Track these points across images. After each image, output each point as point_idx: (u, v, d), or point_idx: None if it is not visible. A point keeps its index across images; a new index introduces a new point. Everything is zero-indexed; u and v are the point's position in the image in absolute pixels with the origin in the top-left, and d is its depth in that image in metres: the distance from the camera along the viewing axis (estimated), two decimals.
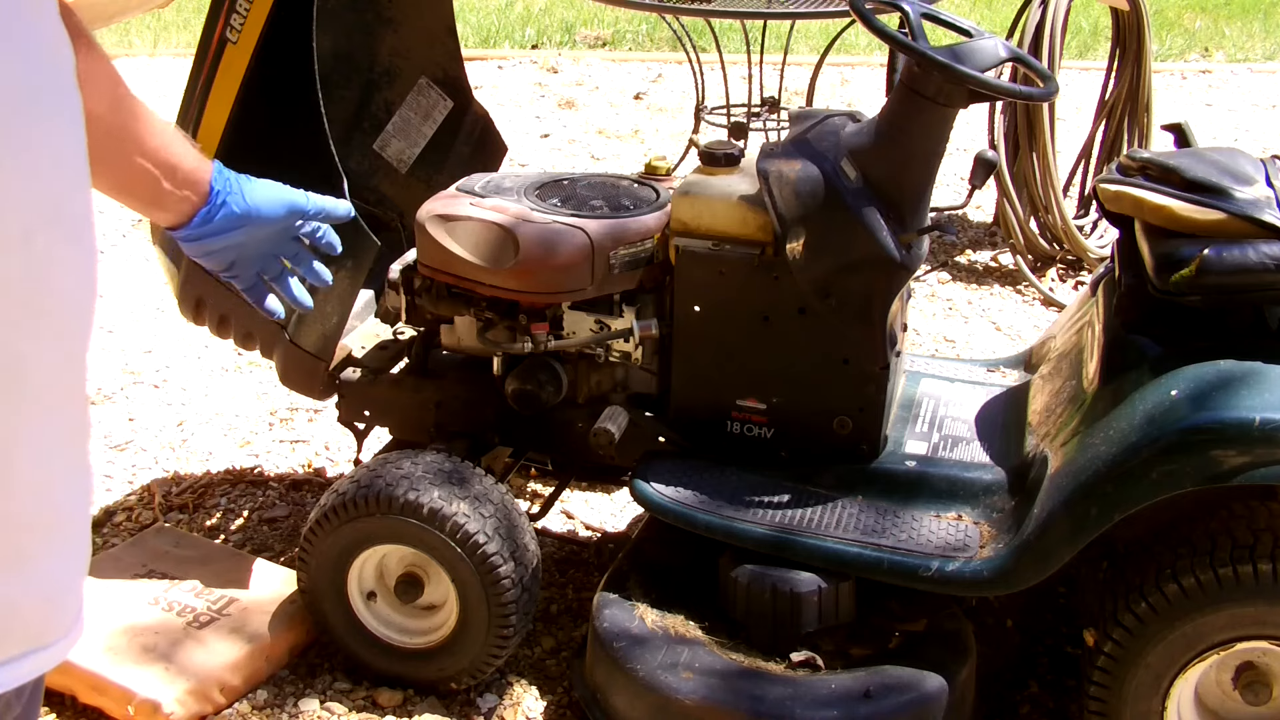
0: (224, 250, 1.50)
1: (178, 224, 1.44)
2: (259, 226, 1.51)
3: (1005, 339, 3.70)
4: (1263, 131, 5.69)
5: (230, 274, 1.56)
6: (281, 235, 1.57)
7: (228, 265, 1.54)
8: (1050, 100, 3.10)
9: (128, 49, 7.06)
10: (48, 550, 0.88)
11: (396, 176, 2.70)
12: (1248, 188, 1.93)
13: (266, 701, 2.23)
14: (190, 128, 2.31)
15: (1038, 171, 3.91)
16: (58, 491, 0.89)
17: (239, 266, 1.55)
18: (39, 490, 0.87)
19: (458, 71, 2.72)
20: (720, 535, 2.08)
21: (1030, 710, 2.22)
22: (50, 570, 0.89)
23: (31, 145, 0.81)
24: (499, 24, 7.59)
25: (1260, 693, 1.88)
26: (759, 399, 2.18)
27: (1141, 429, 1.83)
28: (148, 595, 2.36)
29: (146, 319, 3.79)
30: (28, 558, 0.86)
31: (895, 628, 2.08)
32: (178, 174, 1.38)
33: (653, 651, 2.00)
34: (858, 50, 6.80)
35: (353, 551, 2.18)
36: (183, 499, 2.87)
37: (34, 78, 0.81)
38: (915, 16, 2.01)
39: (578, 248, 2.15)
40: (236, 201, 1.46)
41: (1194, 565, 1.83)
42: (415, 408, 2.41)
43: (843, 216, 2.02)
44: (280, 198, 1.54)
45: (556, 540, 2.71)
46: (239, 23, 2.19)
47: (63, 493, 0.90)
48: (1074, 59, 6.63)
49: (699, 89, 4.63)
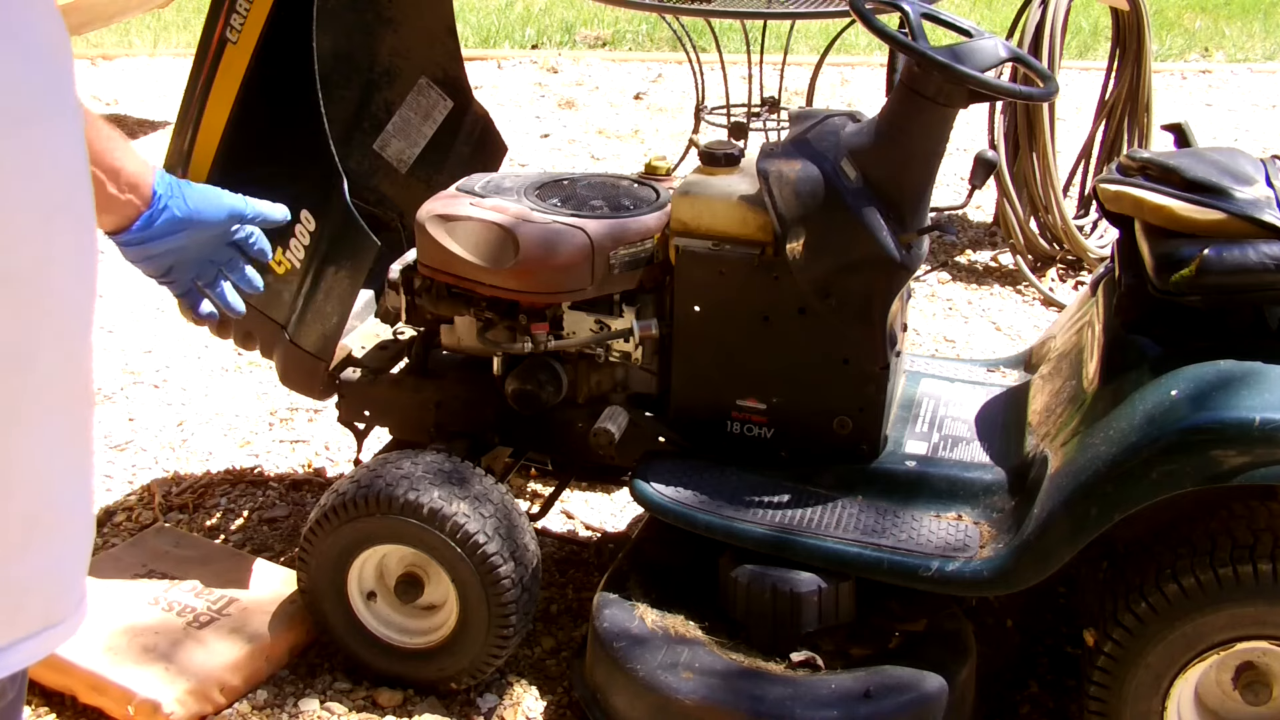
0: (163, 255, 1.52)
1: (120, 228, 1.46)
2: (199, 230, 1.53)
3: (1005, 339, 3.70)
4: (1263, 131, 5.69)
5: (167, 279, 1.58)
6: (219, 240, 1.60)
7: (165, 270, 1.56)
8: (1050, 100, 3.10)
9: (128, 49, 7.06)
10: (57, 533, 0.90)
11: (396, 176, 2.70)
12: (1248, 188, 1.93)
13: (266, 701, 2.23)
14: (190, 128, 2.31)
15: (1038, 171, 3.91)
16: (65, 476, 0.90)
17: (176, 271, 1.57)
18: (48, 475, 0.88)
19: (458, 71, 2.72)
20: (720, 535, 2.08)
21: (1030, 710, 2.22)
22: (59, 553, 0.90)
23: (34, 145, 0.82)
24: (499, 24, 7.59)
25: (1260, 693, 1.88)
26: (759, 399, 2.18)
27: (1141, 429, 1.83)
28: (148, 595, 2.36)
29: (146, 319, 3.79)
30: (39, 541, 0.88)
31: (895, 628, 2.08)
32: (121, 178, 1.41)
33: (653, 651, 2.00)
34: (858, 50, 6.80)
35: (353, 551, 2.18)
36: (183, 499, 2.87)
37: (35, 77, 0.82)
38: (915, 16, 2.01)
39: (578, 248, 2.15)
40: (179, 205, 1.49)
41: (1194, 565, 1.83)
42: (415, 408, 2.41)
43: (843, 216, 2.02)
44: (221, 202, 1.56)
45: (556, 540, 2.71)
46: (239, 23, 2.19)
47: (69, 477, 0.91)
48: (1074, 59, 6.63)
49: (699, 89, 4.63)
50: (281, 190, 2.25)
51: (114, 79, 6.56)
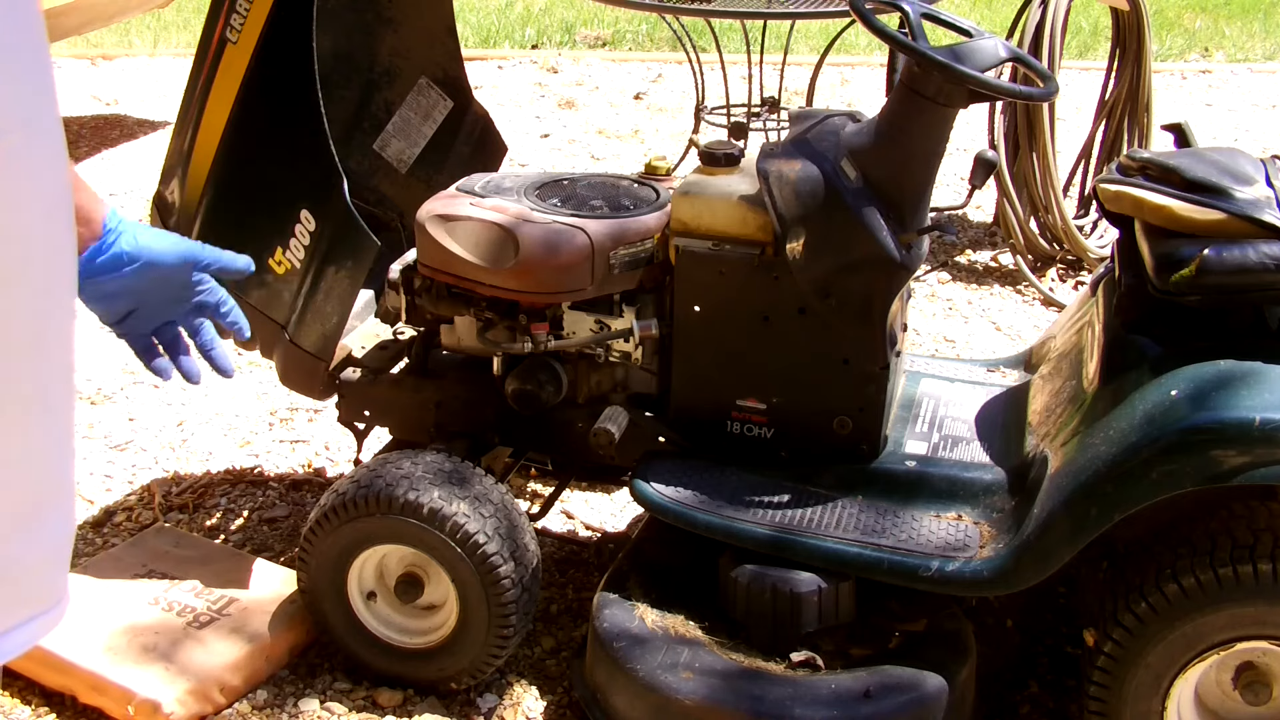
0: (116, 296, 1.49)
1: None
2: (153, 272, 1.48)
3: (1005, 339, 3.70)
4: (1263, 131, 5.69)
5: (124, 328, 1.54)
6: (180, 293, 1.55)
7: (122, 316, 1.52)
8: (1050, 100, 3.10)
9: (128, 49, 7.06)
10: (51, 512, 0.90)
11: (396, 176, 2.71)
12: (1248, 188, 1.93)
13: (266, 701, 2.23)
14: (190, 128, 2.31)
15: (1038, 171, 3.91)
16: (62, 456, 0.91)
17: (132, 321, 1.53)
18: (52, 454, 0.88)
19: (458, 71, 2.72)
20: (720, 535, 2.08)
21: (1030, 710, 2.22)
22: (52, 533, 0.91)
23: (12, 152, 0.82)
24: (499, 24, 7.59)
25: (1260, 693, 1.88)
26: (759, 399, 2.18)
27: (1141, 429, 1.83)
28: (148, 595, 2.36)
29: None
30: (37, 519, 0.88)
31: (895, 628, 2.08)
32: None
33: (653, 651, 2.00)
34: (858, 50, 6.80)
35: (353, 551, 2.18)
36: (183, 499, 2.87)
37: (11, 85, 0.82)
38: (915, 16, 2.01)
39: (578, 248, 2.15)
40: (127, 240, 1.45)
41: (1194, 565, 1.83)
42: (415, 408, 2.41)
43: (843, 216, 2.02)
44: (174, 245, 1.52)
45: (556, 540, 2.71)
46: (239, 23, 2.19)
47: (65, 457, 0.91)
48: (1074, 59, 6.63)
49: (699, 89, 4.63)
50: (281, 190, 2.27)
51: (114, 79, 6.56)
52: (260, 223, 2.29)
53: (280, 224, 2.25)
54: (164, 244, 1.50)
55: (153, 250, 1.48)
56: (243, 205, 2.31)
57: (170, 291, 1.54)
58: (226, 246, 2.39)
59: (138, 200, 4.70)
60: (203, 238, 2.34)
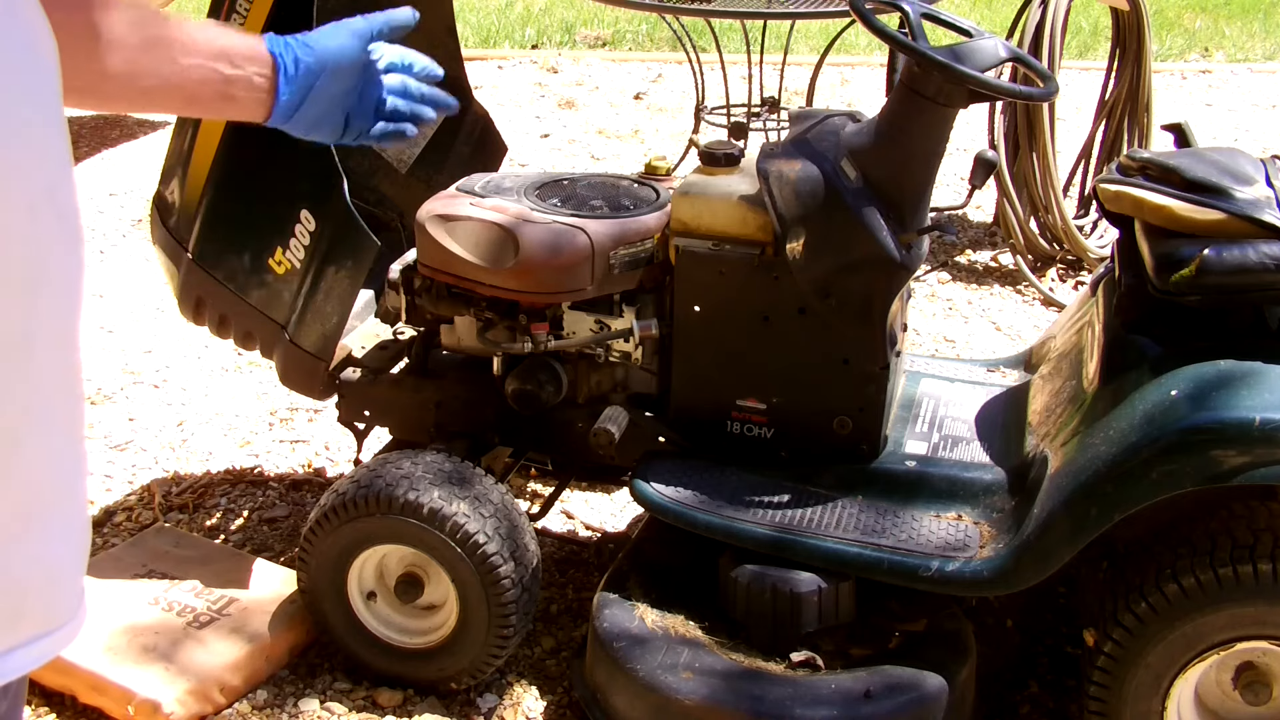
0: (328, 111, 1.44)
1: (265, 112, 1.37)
2: (342, 67, 1.43)
3: (1005, 339, 3.70)
4: (1263, 131, 5.69)
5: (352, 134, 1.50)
6: (371, 73, 1.49)
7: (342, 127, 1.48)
8: (1050, 100, 3.10)
9: None
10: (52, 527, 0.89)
11: (396, 176, 2.70)
12: (1248, 188, 1.93)
13: (266, 701, 2.23)
14: (190, 128, 2.31)
15: (1038, 171, 3.91)
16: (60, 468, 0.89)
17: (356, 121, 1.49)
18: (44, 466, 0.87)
19: (458, 71, 2.72)
20: (720, 535, 2.08)
21: (1030, 710, 2.22)
22: (54, 549, 0.89)
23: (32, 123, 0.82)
24: (499, 24, 7.59)
25: (1260, 693, 1.88)
26: (759, 399, 2.18)
27: (1141, 429, 1.83)
28: (148, 595, 2.36)
29: (146, 319, 3.79)
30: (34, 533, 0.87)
31: (895, 628, 2.08)
32: (233, 56, 1.32)
33: (653, 651, 2.00)
34: (858, 50, 6.80)
35: (353, 551, 2.18)
36: (183, 499, 2.87)
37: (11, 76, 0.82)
38: (915, 16, 2.01)
39: (578, 248, 2.15)
40: (305, 53, 1.39)
41: (1194, 565, 1.83)
42: (415, 408, 2.41)
43: (843, 216, 2.02)
44: (343, 35, 1.46)
45: (556, 540, 2.71)
46: (239, 23, 2.19)
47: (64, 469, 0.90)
48: (1074, 59, 6.63)
49: (699, 89, 4.63)
50: (281, 190, 2.27)
51: None
52: (260, 223, 2.29)
53: (280, 224, 2.25)
54: (336, 40, 1.44)
55: (329, 49, 1.43)
56: (243, 205, 2.31)
57: (367, 74, 1.49)
58: (226, 247, 2.40)
59: (138, 200, 4.70)
60: (203, 238, 2.34)
